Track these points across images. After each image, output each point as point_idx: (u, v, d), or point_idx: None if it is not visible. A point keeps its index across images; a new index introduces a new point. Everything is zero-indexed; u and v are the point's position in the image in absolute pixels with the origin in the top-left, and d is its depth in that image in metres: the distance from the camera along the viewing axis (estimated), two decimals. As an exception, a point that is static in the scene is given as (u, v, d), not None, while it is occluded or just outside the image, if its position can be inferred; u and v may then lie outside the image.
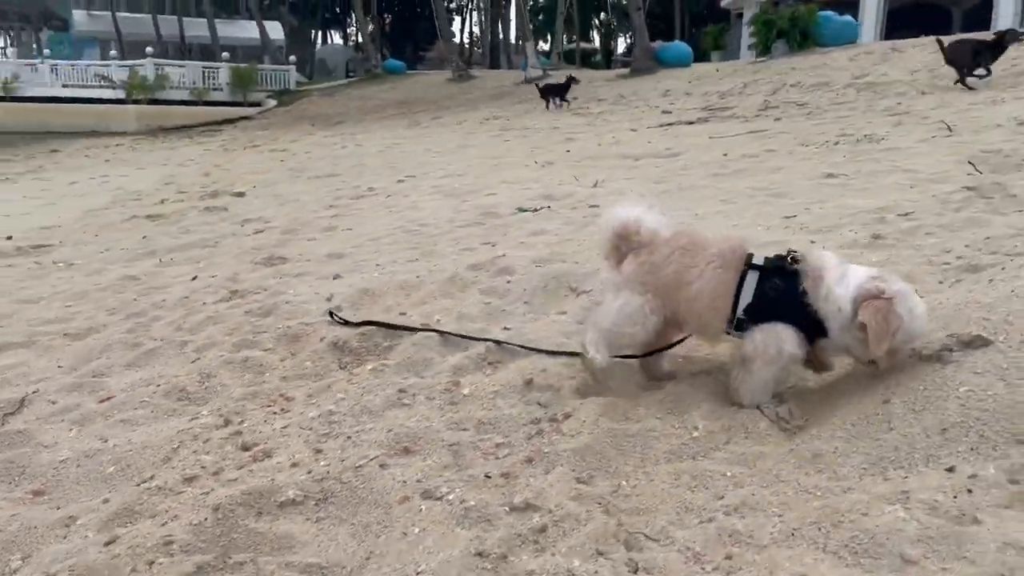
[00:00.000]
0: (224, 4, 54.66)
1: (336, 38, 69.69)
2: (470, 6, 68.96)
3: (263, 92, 39.42)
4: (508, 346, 3.64)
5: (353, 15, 46.99)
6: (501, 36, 56.63)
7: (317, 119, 31.32)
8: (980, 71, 14.15)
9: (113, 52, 43.10)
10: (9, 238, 8.63)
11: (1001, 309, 3.01)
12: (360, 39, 47.13)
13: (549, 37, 53.81)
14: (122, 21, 46.86)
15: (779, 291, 2.97)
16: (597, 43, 67.94)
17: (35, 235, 8.67)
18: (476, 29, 66.95)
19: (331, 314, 4.21)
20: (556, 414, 2.98)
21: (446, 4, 68.27)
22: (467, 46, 67.77)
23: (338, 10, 58.86)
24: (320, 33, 68.72)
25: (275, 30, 51.47)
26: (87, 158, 23.37)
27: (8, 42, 51.54)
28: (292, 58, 43.71)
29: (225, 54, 41.27)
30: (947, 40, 15.56)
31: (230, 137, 27.56)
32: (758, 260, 3.04)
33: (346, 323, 4.12)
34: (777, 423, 2.94)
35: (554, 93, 23.39)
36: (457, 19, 73.49)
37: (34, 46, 45.08)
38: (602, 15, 65.95)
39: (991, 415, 2.53)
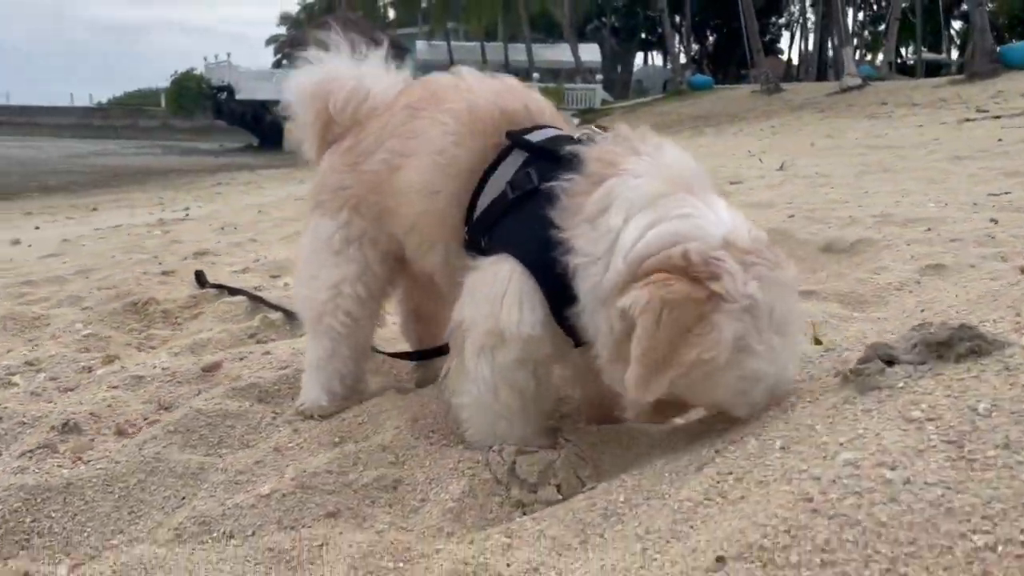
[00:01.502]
0: (550, 30, 56.63)
1: (657, 59, 69.20)
2: (801, 20, 64.49)
3: (569, 111, 39.88)
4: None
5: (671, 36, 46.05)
6: (831, 52, 52.30)
7: (611, 135, 30.75)
8: None
9: (440, 77, 46.41)
10: (186, 209, 8.92)
11: None
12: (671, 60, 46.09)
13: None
14: (456, 49, 50.36)
15: (525, 193, 1.44)
16: (952, 54, 60.05)
17: (227, 217, 8.73)
18: (806, 43, 62.45)
19: (197, 275, 3.22)
20: (133, 422, 1.68)
21: (775, 19, 64.68)
22: (796, 61, 63.66)
23: (660, 30, 58.42)
24: (643, 55, 68.69)
25: (593, 52, 52.17)
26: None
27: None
28: (599, 77, 43.98)
29: (535, 75, 42.58)
30: None
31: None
32: (540, 136, 1.51)
33: (201, 286, 3.13)
34: (506, 489, 1.37)
35: None
36: (786, 34, 69.30)
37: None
38: (957, 24, 58.10)
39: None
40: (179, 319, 2.78)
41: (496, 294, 1.37)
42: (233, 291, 2.91)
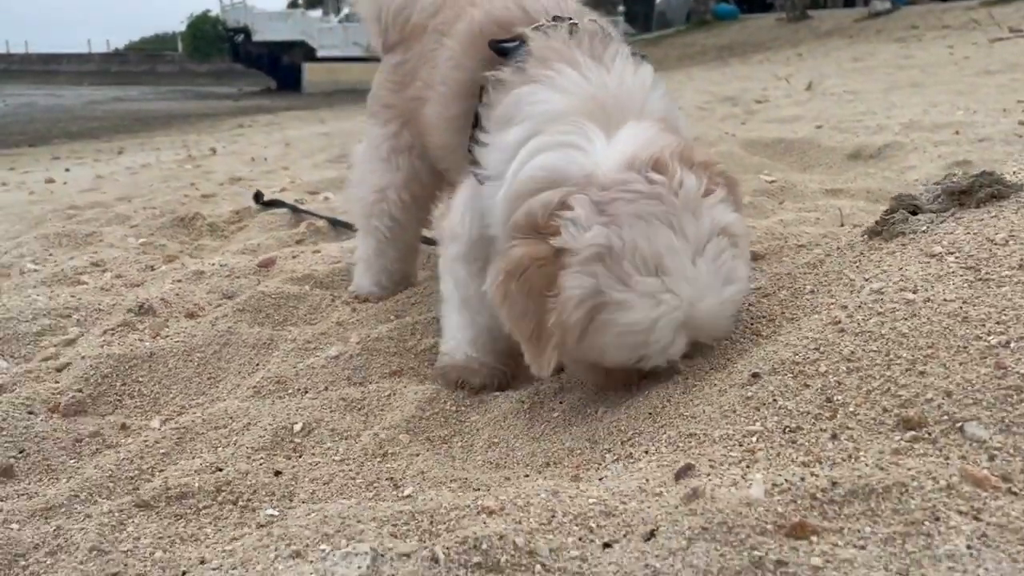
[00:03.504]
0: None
1: (681, -10, 67.65)
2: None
3: (589, 45, 39.15)
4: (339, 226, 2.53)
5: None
6: (860, -25, 50.68)
7: (632, 67, 30.22)
8: None
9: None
10: (212, 149, 9.06)
11: None
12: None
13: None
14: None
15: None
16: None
17: (255, 152, 8.83)
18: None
19: (256, 194, 3.33)
20: (201, 307, 1.81)
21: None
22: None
23: (683, -40, 56.81)
24: (666, -13, 67.21)
25: (616, -16, 51.07)
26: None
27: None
28: (620, 9, 43.04)
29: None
30: None
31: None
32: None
33: (258, 202, 3.24)
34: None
35: None
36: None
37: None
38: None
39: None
40: (226, 232, 2.91)
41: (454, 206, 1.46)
42: (295, 209, 2.97)
